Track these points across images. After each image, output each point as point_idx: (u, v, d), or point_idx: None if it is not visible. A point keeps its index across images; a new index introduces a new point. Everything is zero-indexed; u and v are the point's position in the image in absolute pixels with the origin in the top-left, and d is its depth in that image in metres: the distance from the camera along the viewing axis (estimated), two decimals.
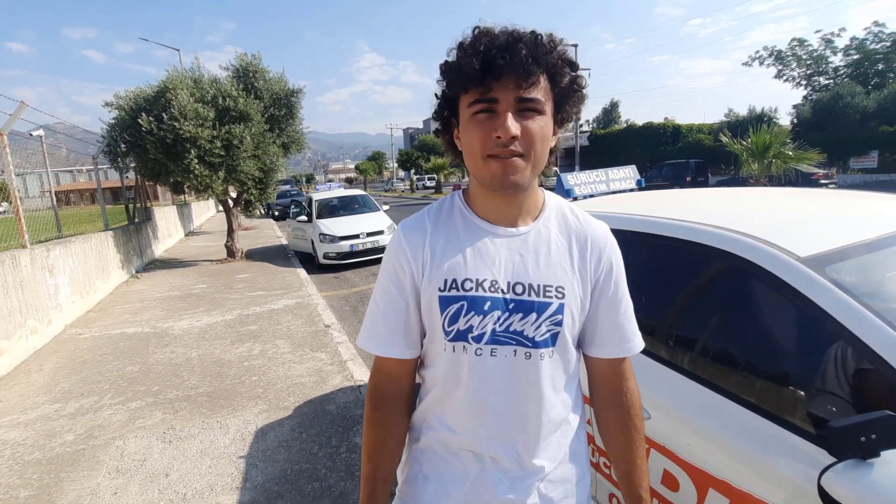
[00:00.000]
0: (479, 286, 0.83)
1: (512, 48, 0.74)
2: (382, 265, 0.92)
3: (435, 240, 0.88)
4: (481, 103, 0.76)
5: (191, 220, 18.25)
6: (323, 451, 2.76)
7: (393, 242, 0.91)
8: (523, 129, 0.76)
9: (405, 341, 0.89)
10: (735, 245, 1.36)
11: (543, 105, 0.77)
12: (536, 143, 0.77)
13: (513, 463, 0.87)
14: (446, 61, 0.81)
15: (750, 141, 10.63)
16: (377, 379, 0.93)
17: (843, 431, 0.90)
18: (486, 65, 0.74)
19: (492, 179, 0.79)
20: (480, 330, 0.83)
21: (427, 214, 0.92)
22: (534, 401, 0.86)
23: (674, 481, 1.37)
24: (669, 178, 18.62)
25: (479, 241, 0.87)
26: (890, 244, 1.34)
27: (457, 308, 0.83)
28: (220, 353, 4.46)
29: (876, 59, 26.57)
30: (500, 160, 0.77)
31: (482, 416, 0.86)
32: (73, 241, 6.38)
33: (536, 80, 0.75)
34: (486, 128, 0.76)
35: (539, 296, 0.84)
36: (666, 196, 2.23)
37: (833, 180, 16.70)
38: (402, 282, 0.88)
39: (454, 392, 0.87)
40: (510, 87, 0.74)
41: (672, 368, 1.47)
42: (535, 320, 0.83)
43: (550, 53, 0.77)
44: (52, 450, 2.95)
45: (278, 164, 9.59)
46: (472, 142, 0.79)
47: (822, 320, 1.13)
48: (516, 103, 0.75)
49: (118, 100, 8.47)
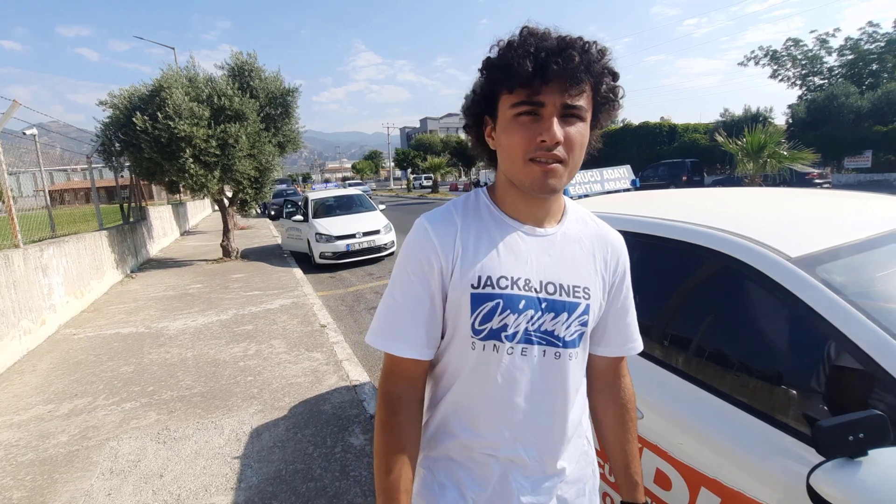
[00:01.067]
0: (514, 284, 0.82)
1: (565, 54, 0.73)
2: (403, 259, 0.86)
3: (466, 235, 0.85)
4: (527, 105, 0.76)
5: (186, 219, 18.17)
6: (318, 452, 2.76)
7: (418, 235, 0.86)
8: (566, 134, 0.76)
9: (427, 340, 0.85)
10: (727, 245, 1.37)
11: (586, 112, 0.78)
12: (576, 149, 0.78)
13: (535, 465, 0.87)
14: (490, 58, 0.80)
15: (745, 141, 10.68)
16: (392, 382, 0.87)
17: (832, 431, 0.90)
18: (539, 67, 0.73)
19: (531, 183, 0.79)
20: (514, 329, 0.82)
21: (454, 209, 0.89)
22: (560, 401, 0.87)
23: (666, 480, 1.37)
24: (666, 177, 18.67)
25: (510, 239, 0.85)
26: (880, 244, 1.35)
27: (491, 306, 0.81)
28: (216, 354, 4.45)
29: (870, 60, 26.73)
30: (542, 165, 0.77)
31: (508, 418, 0.85)
32: (67, 240, 6.34)
33: (584, 87, 0.76)
34: (530, 131, 0.76)
35: (569, 296, 0.85)
36: (659, 196, 2.24)
37: (828, 180, 16.79)
38: (428, 277, 0.83)
39: (479, 393, 0.85)
40: (558, 92, 0.74)
41: (665, 368, 1.47)
42: (566, 320, 0.84)
43: (598, 62, 0.77)
44: (45, 451, 2.93)
45: (274, 163, 9.56)
46: (513, 143, 0.78)
47: (813, 320, 1.14)
48: (562, 109, 0.75)
49: (113, 98, 8.43)
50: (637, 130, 28.61)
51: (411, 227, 0.89)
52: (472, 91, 0.85)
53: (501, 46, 0.79)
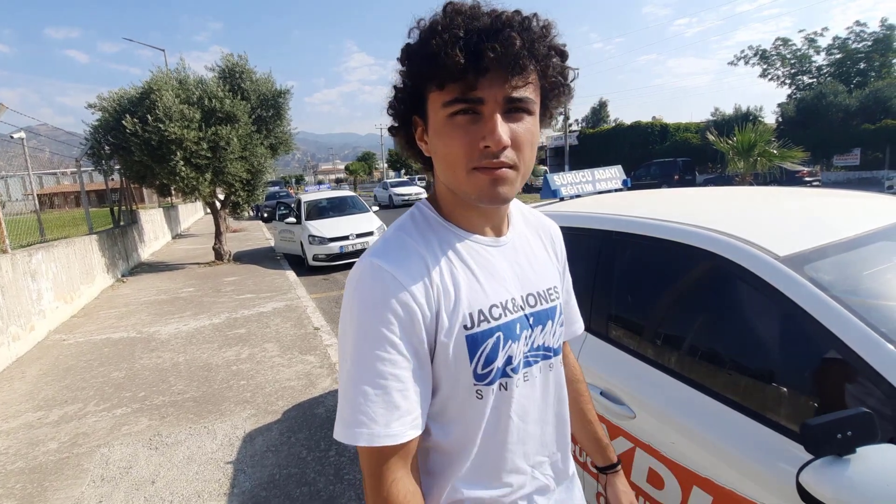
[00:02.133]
0: (505, 310, 0.72)
1: (503, 36, 0.59)
2: (364, 318, 0.65)
3: (435, 266, 0.70)
4: (462, 103, 0.62)
5: (178, 222, 18.04)
6: (312, 456, 2.74)
7: (376, 280, 0.66)
8: (513, 134, 0.63)
9: (422, 409, 0.68)
10: (717, 245, 1.38)
11: (533, 104, 0.66)
12: (526, 149, 0.65)
13: (551, 482, 0.83)
14: (410, 46, 0.66)
15: (736, 139, 10.77)
16: (393, 480, 0.65)
17: (820, 429, 0.91)
18: (471, 56, 0.59)
19: (479, 195, 0.66)
20: (518, 358, 0.73)
21: (408, 237, 0.72)
22: (560, 408, 0.84)
23: (659, 479, 1.38)
24: (658, 176, 18.79)
25: (481, 258, 0.74)
26: (867, 243, 1.36)
27: (493, 343, 0.70)
28: (208, 358, 4.42)
29: (858, 59, 27.09)
30: (488, 172, 0.64)
31: (525, 452, 0.77)
32: (57, 245, 6.27)
33: (529, 74, 0.63)
34: (470, 134, 0.63)
35: (547, 301, 0.80)
36: (650, 196, 2.25)
37: (817, 178, 16.98)
38: (409, 331, 0.65)
39: (494, 440, 0.73)
40: (498, 84, 0.61)
41: (657, 368, 1.48)
42: (552, 328, 0.80)
43: (543, 41, 0.64)
44: (35, 458, 2.90)
45: (266, 165, 9.52)
46: (451, 151, 0.65)
47: (801, 318, 1.15)
48: (505, 103, 0.62)
49: (102, 101, 8.36)
50: (629, 130, 28.79)
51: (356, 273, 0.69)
52: (392, 87, 0.71)
53: (423, 30, 0.64)
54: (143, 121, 7.85)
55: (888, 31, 26.17)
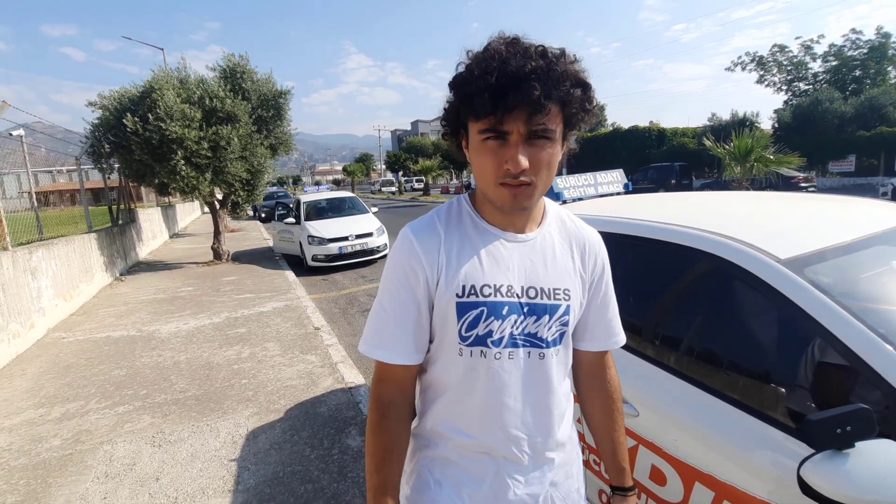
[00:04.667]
0: (496, 291, 0.85)
1: (524, 86, 0.73)
2: (390, 269, 0.90)
3: (449, 244, 0.88)
4: (492, 132, 0.77)
5: (176, 221, 17.99)
6: (315, 453, 2.77)
7: (403, 245, 0.88)
8: (532, 158, 0.77)
9: (415, 347, 0.89)
10: (719, 248, 1.42)
11: (554, 132, 0.78)
12: (543, 169, 0.80)
13: (527, 459, 0.91)
14: (456, 81, 0.80)
15: (733, 145, 10.85)
16: (383, 388, 0.90)
17: (821, 424, 0.95)
18: (497, 100, 0.74)
19: (502, 204, 0.82)
20: (500, 334, 0.85)
21: (437, 218, 0.91)
22: (546, 397, 0.91)
23: (661, 476, 1.41)
24: (655, 180, 18.89)
25: (492, 247, 0.88)
26: (865, 246, 1.41)
27: (476, 314, 0.85)
28: (209, 357, 4.43)
29: (853, 66, 27.35)
30: (510, 188, 0.79)
31: (500, 419, 0.88)
32: (56, 243, 6.26)
33: (547, 112, 0.76)
34: (497, 156, 0.78)
35: (550, 298, 0.88)
36: (652, 199, 2.29)
37: (813, 183, 17.11)
38: (414, 286, 0.86)
39: (470, 397, 0.88)
40: (522, 120, 0.75)
41: (659, 367, 1.51)
42: (548, 322, 0.88)
43: (563, 83, 0.76)
44: (38, 455, 2.91)
45: (266, 165, 9.52)
46: (483, 167, 0.81)
47: (801, 319, 1.19)
48: (527, 135, 0.77)
49: (102, 100, 8.35)
50: (627, 134, 28.92)
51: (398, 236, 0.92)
52: (446, 103, 0.86)
53: (466, 67, 0.79)
54: (144, 119, 7.85)
55: (883, 38, 26.45)
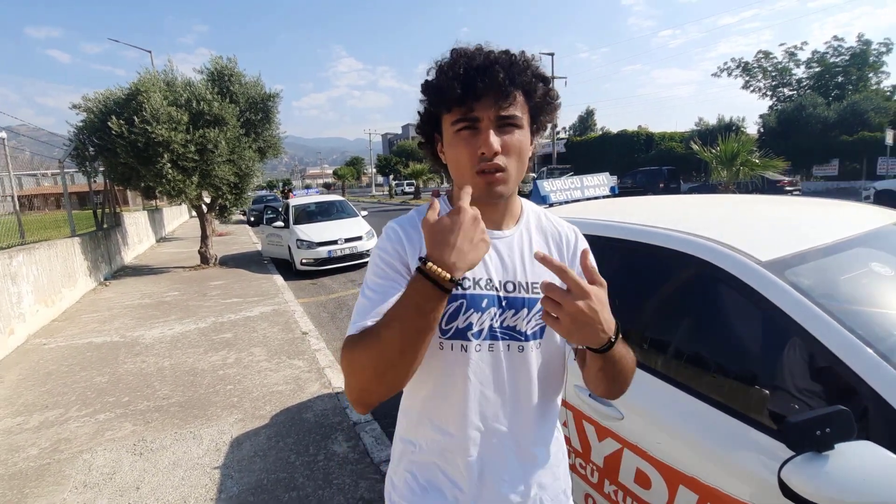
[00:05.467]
0: (476, 284, 0.88)
1: (489, 70, 0.79)
2: (375, 256, 0.91)
3: None
4: (464, 121, 0.82)
5: (162, 225, 17.77)
6: (300, 460, 2.73)
7: (389, 234, 0.92)
8: (504, 143, 0.81)
9: None
10: (701, 250, 1.42)
11: (521, 119, 0.83)
12: (515, 154, 0.83)
13: (510, 455, 0.91)
14: (427, 82, 0.86)
15: (719, 149, 11.00)
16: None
17: (800, 426, 0.95)
18: (467, 87, 0.79)
19: (479, 193, 0.84)
20: (479, 326, 0.87)
21: (418, 216, 0.94)
22: (528, 391, 0.91)
23: (646, 479, 1.41)
24: (643, 184, 19.06)
25: None
26: (845, 248, 1.42)
27: (456, 306, 0.86)
28: (194, 362, 4.36)
29: (836, 72, 27.92)
30: (486, 177, 0.82)
31: (481, 412, 0.89)
32: (38, 247, 6.14)
33: (514, 98, 0.81)
34: (471, 144, 0.82)
35: (528, 292, 0.90)
36: (636, 203, 2.30)
37: (797, 187, 17.38)
38: (399, 268, 0.87)
39: (451, 390, 0.89)
40: (490, 106, 0.80)
41: (644, 370, 1.51)
42: (527, 315, 0.89)
43: (525, 72, 0.82)
44: (14, 465, 2.83)
45: (254, 169, 9.44)
46: (458, 158, 0.84)
47: (782, 322, 1.19)
48: (496, 120, 0.81)
49: (87, 102, 8.23)
50: (616, 138, 29.21)
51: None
52: (417, 112, 0.91)
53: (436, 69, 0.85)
54: (130, 122, 7.74)
55: (864, 46, 27.05)
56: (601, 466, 1.57)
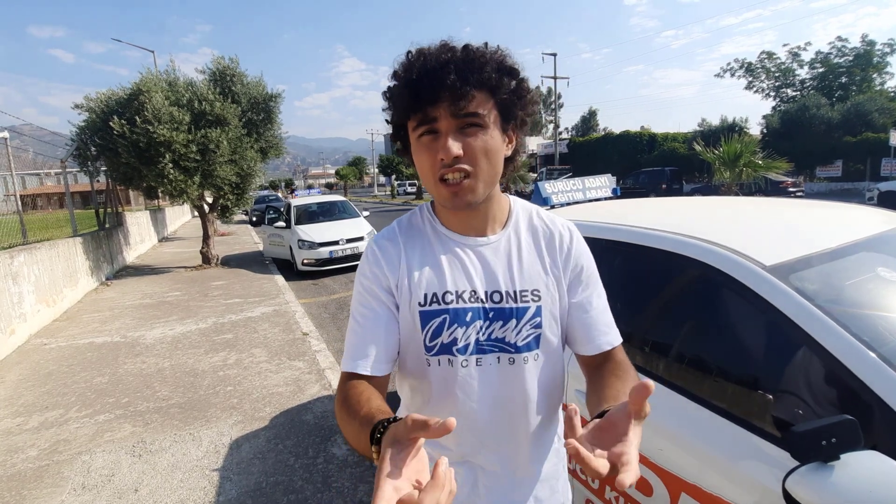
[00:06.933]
0: (459, 298, 0.84)
1: (441, 73, 0.74)
2: (357, 281, 0.90)
3: (410, 253, 0.88)
4: (423, 127, 0.78)
5: (164, 225, 17.80)
6: (300, 463, 2.71)
7: (368, 256, 0.90)
8: (466, 146, 0.76)
9: (385, 356, 0.85)
10: (705, 254, 1.40)
11: (486, 118, 0.77)
12: (480, 158, 0.78)
13: (505, 470, 0.88)
14: (388, 89, 0.82)
15: (722, 150, 10.95)
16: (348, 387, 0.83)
17: (806, 436, 0.92)
18: (419, 93, 0.75)
19: (445, 202, 0.81)
20: (465, 341, 0.84)
21: (398, 228, 0.92)
22: (521, 405, 0.87)
23: (648, 486, 1.39)
24: (645, 185, 19.01)
25: (453, 253, 0.87)
26: (850, 253, 1.40)
27: (439, 322, 0.84)
28: (194, 363, 4.35)
29: (839, 73, 27.79)
30: (449, 186, 0.78)
31: (473, 427, 0.86)
32: (39, 247, 6.15)
33: (471, 98, 0.75)
34: (431, 150, 0.78)
35: (516, 301, 0.85)
36: (639, 205, 2.28)
37: (801, 189, 17.30)
38: (378, 294, 0.86)
39: (440, 407, 0.87)
40: (447, 108, 0.75)
41: (645, 375, 1.49)
42: (516, 326, 0.85)
43: (483, 69, 0.76)
44: (13, 466, 2.82)
45: (256, 169, 9.44)
46: (421, 166, 0.81)
47: (787, 327, 1.17)
48: (455, 122, 0.76)
49: (89, 102, 8.24)
50: (618, 139, 29.13)
51: None
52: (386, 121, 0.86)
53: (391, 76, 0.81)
54: (132, 122, 7.75)
55: (868, 46, 26.92)
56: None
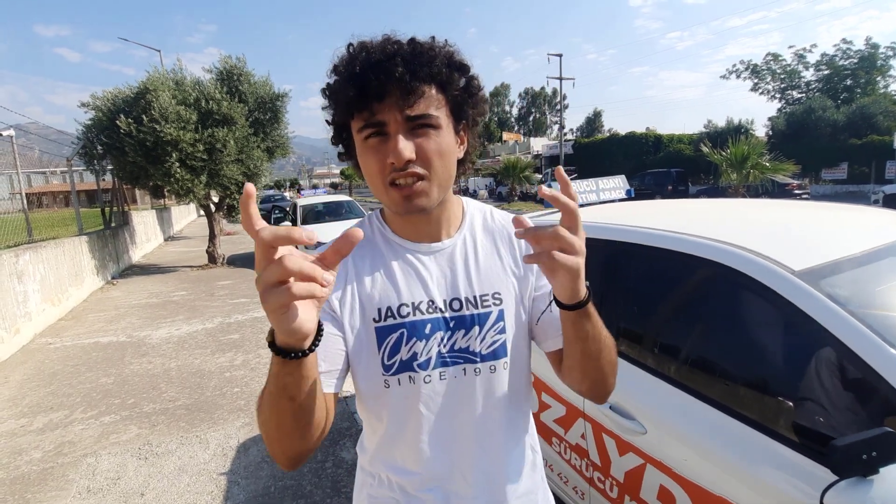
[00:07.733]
0: (416, 309, 0.78)
1: (388, 65, 0.67)
2: None
3: (360, 266, 0.81)
4: (370, 128, 0.70)
5: (170, 224, 17.85)
6: (308, 467, 2.68)
7: None
8: (418, 148, 0.70)
9: (330, 372, 0.76)
10: (731, 258, 1.36)
11: (438, 118, 0.72)
12: (434, 160, 0.71)
13: (480, 489, 0.82)
14: (327, 85, 0.74)
15: (729, 151, 10.90)
16: None
17: (847, 450, 0.89)
18: (364, 88, 0.68)
19: (397, 208, 0.74)
20: (426, 356, 0.78)
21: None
22: (492, 417, 0.82)
23: (670, 497, 1.35)
24: (651, 186, 18.93)
25: (406, 261, 0.81)
26: (879, 258, 1.35)
27: (396, 337, 0.77)
28: (201, 364, 4.33)
29: (844, 75, 27.67)
30: (401, 189, 0.71)
31: (442, 446, 0.80)
32: (45, 246, 6.15)
33: (421, 94, 0.69)
34: (380, 153, 0.70)
35: (477, 307, 0.80)
36: (658, 207, 2.24)
37: (806, 191, 17.20)
38: (324, 313, 0.77)
39: (405, 428, 0.80)
40: (395, 106, 0.68)
41: (669, 382, 1.45)
42: (479, 333, 0.80)
43: (433, 62, 0.71)
44: (17, 468, 2.80)
45: (262, 168, 9.45)
46: (369, 170, 0.73)
47: (818, 334, 1.13)
48: (405, 122, 0.70)
49: (95, 100, 8.26)
50: (623, 140, 29.07)
51: None
52: (326, 122, 0.79)
53: (332, 70, 0.73)
54: (139, 121, 7.76)
55: (872, 49, 26.80)
56: (621, 482, 1.52)
